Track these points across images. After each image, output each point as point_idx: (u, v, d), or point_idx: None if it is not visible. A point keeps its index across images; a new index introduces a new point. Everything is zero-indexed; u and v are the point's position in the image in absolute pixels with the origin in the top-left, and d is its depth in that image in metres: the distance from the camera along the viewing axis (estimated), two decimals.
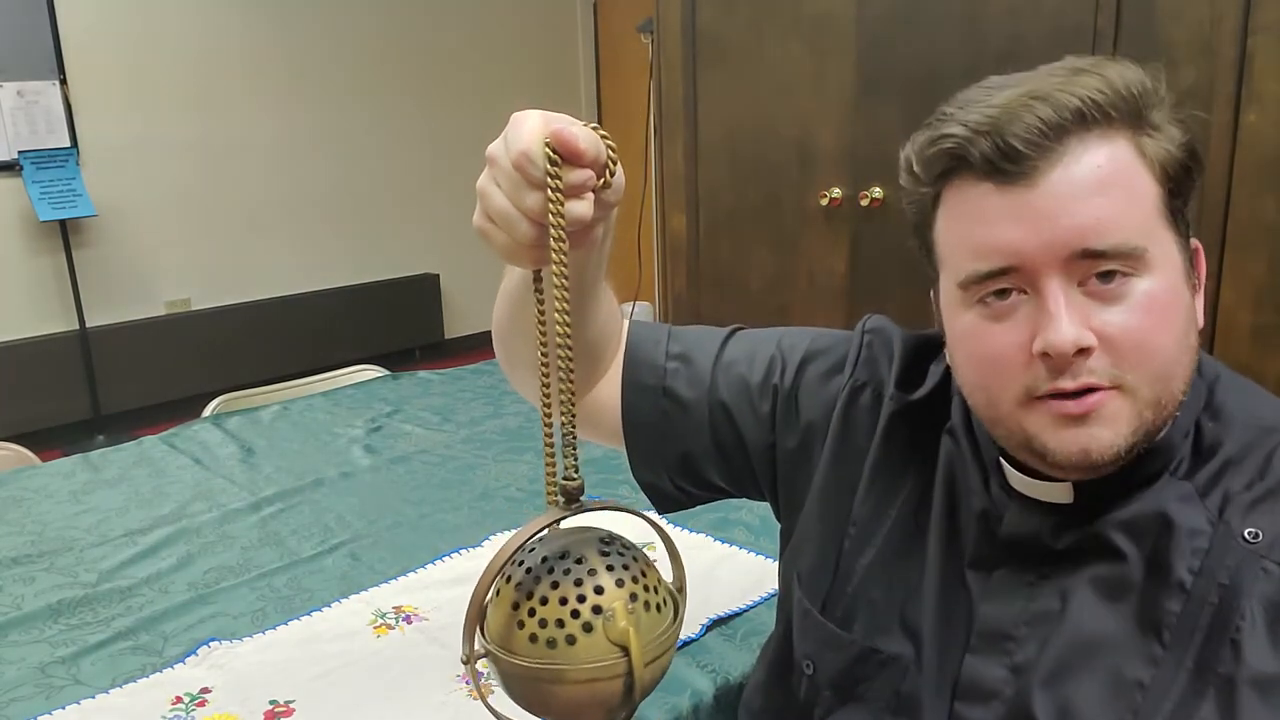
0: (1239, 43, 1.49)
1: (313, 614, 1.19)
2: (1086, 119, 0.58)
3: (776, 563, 1.25)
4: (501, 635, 0.51)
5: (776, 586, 1.19)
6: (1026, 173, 0.58)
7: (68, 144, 3.78)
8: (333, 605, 1.21)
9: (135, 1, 3.93)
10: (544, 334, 0.54)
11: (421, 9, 4.74)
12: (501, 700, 0.54)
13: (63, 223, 3.73)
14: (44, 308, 3.87)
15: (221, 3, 4.15)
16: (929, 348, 0.79)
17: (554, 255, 0.50)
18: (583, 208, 0.52)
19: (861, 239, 2.05)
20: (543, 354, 0.54)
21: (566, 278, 0.50)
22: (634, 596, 0.50)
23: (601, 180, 0.54)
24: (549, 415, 0.53)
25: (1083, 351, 0.58)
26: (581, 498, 0.52)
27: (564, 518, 0.52)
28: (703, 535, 1.35)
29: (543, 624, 0.50)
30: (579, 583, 0.50)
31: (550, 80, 5.28)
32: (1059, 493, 0.65)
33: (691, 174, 2.29)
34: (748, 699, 0.90)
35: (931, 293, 0.70)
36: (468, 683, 1.03)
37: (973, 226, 0.61)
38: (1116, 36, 1.60)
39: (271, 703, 1.01)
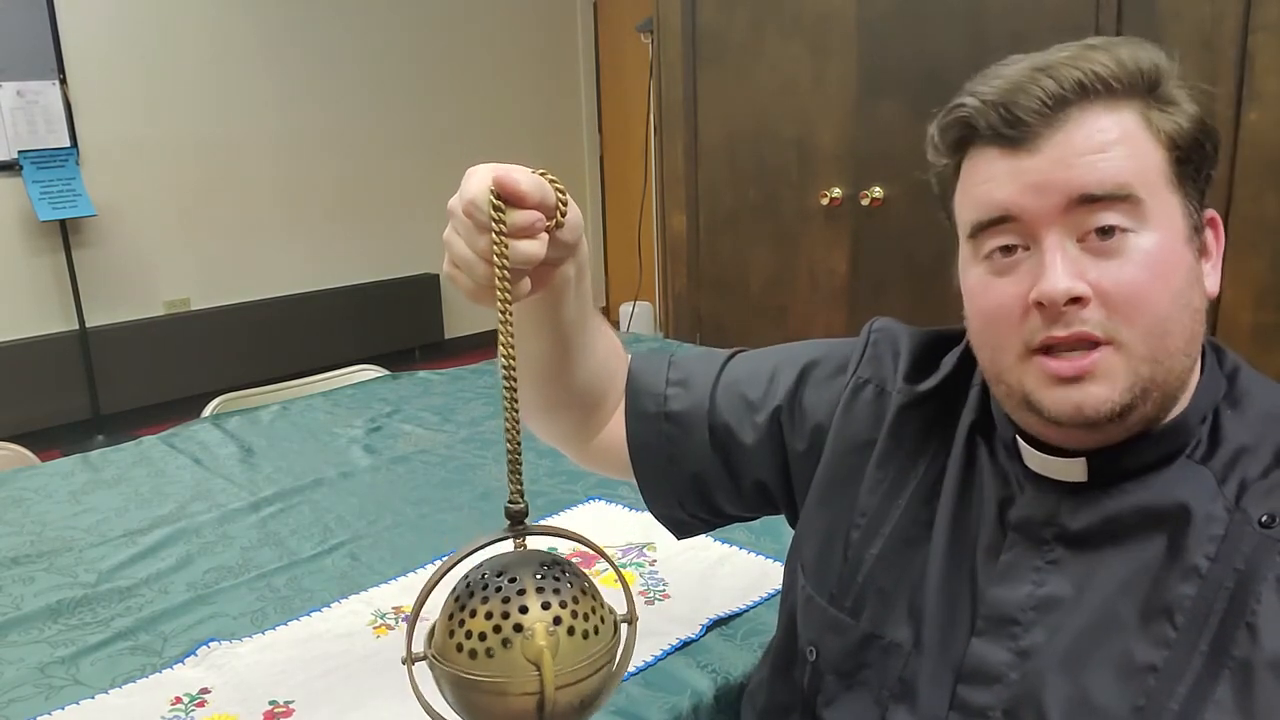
0: (1239, 41, 1.49)
1: (312, 614, 1.19)
2: (1088, 91, 0.61)
3: (776, 563, 1.25)
4: (440, 642, 0.55)
5: (776, 586, 1.20)
6: (1029, 139, 0.61)
7: (67, 144, 3.78)
8: (332, 605, 1.21)
9: (135, 1, 3.93)
10: (513, 367, 0.57)
11: (421, 9, 4.74)
12: (441, 702, 0.58)
13: (62, 222, 3.73)
14: (44, 308, 3.87)
15: (221, 3, 4.15)
16: (942, 342, 0.80)
17: (498, 292, 0.55)
18: (533, 247, 0.57)
19: (861, 239, 2.04)
20: (510, 384, 0.57)
21: (510, 313, 0.55)
22: (558, 620, 0.53)
23: (553, 220, 0.58)
24: (508, 445, 0.57)
25: (1076, 301, 0.60)
26: (525, 520, 0.56)
27: (503, 539, 0.56)
28: (703, 535, 1.35)
29: (469, 635, 0.53)
30: (507, 600, 0.53)
31: (550, 80, 5.29)
32: (1073, 470, 0.66)
33: (691, 174, 2.29)
34: (752, 695, 0.90)
35: (955, 265, 0.71)
36: None
37: (979, 186, 0.65)
38: (1117, 35, 1.60)
39: (271, 703, 1.01)
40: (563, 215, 0.59)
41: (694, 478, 0.85)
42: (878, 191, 1.98)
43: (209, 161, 4.20)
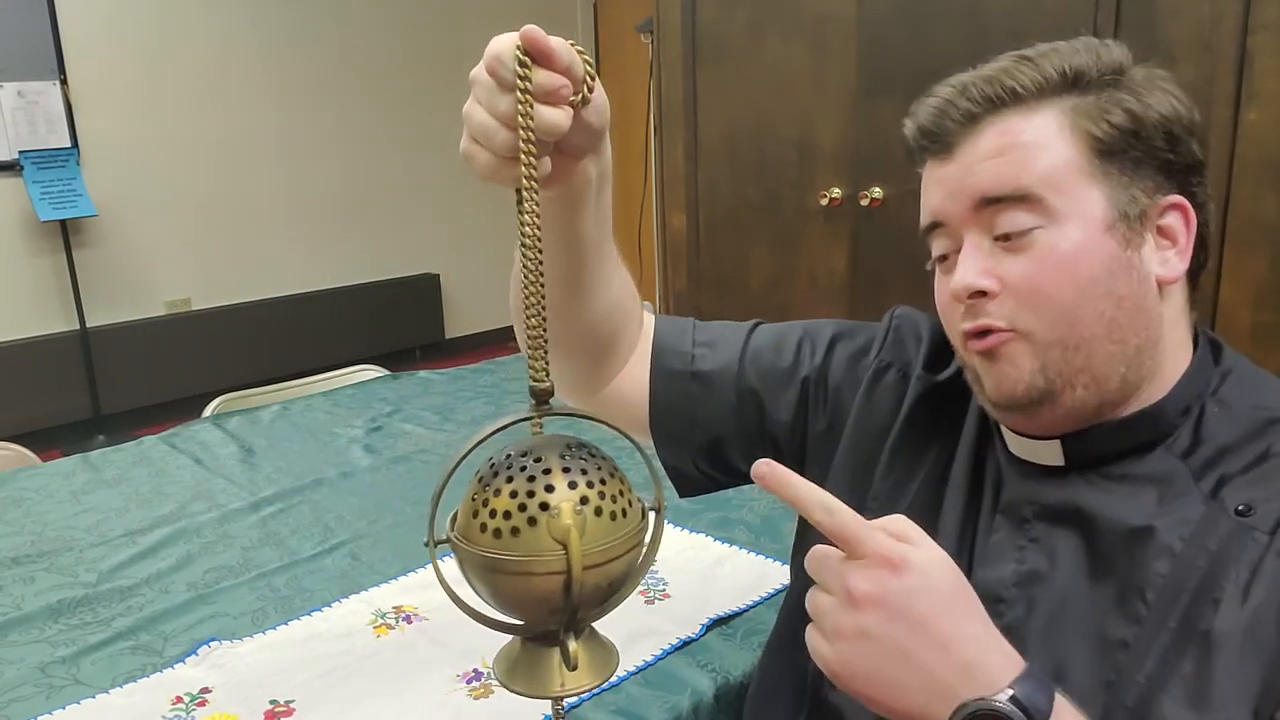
0: (1239, 41, 1.49)
1: (313, 614, 1.19)
2: (996, 102, 0.66)
3: (776, 563, 1.26)
4: (463, 524, 0.54)
5: (776, 586, 1.20)
6: (945, 149, 0.68)
7: (68, 144, 3.78)
8: (333, 605, 1.21)
9: (136, 1, 3.93)
10: (528, 255, 0.55)
11: (421, 9, 4.74)
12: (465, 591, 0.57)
13: (63, 223, 3.73)
14: (44, 308, 3.87)
15: (222, 3, 4.15)
16: None
17: (523, 155, 0.52)
18: (557, 115, 0.54)
19: (861, 238, 2.04)
20: (527, 270, 0.54)
21: (534, 180, 0.52)
22: (585, 500, 0.52)
23: (579, 95, 0.56)
24: (531, 319, 0.55)
25: (982, 295, 0.66)
26: (550, 400, 0.54)
27: (529, 418, 0.54)
28: (703, 535, 1.35)
29: (493, 514, 0.52)
30: (532, 479, 0.52)
31: None
32: (1049, 453, 0.69)
33: (691, 174, 2.29)
34: (753, 694, 0.91)
35: None
36: (469, 681, 1.03)
37: (922, 196, 0.72)
38: (1116, 34, 1.60)
39: (271, 703, 1.01)
40: (589, 91, 0.57)
41: (712, 440, 0.85)
42: (877, 191, 1.97)
43: (209, 161, 4.20)
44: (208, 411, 2.03)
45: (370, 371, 2.32)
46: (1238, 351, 0.71)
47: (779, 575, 1.23)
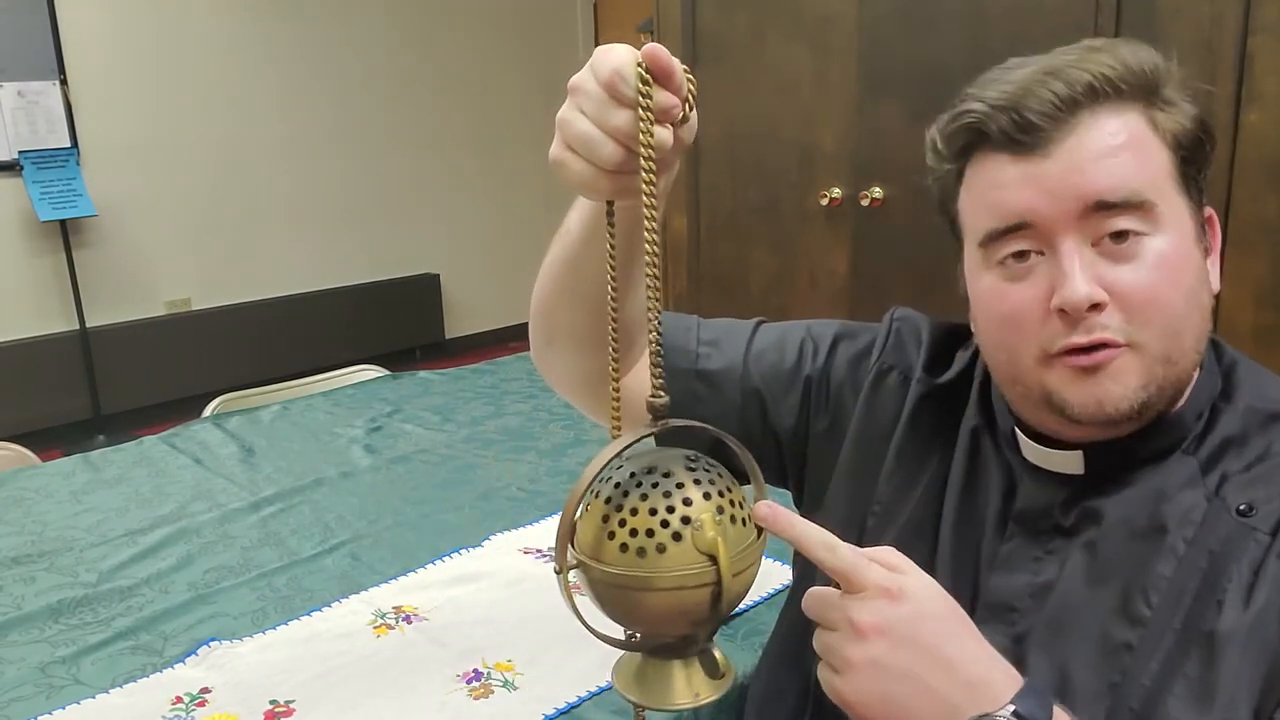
0: (1239, 42, 1.49)
1: (313, 614, 1.19)
2: (1098, 93, 0.61)
3: (777, 563, 1.25)
4: (592, 546, 0.53)
5: (776, 586, 1.20)
6: (1040, 143, 0.62)
7: (68, 144, 3.78)
8: (333, 605, 1.21)
9: (136, 1, 3.93)
10: (615, 268, 0.55)
11: (421, 9, 4.74)
12: (589, 614, 0.55)
13: (63, 223, 3.73)
14: (44, 308, 3.87)
15: (222, 3, 4.15)
16: (957, 335, 0.81)
17: (643, 175, 0.51)
18: (664, 134, 0.53)
19: (861, 239, 2.04)
20: (613, 288, 0.55)
21: (655, 196, 0.51)
22: (721, 510, 0.52)
23: (681, 113, 0.54)
24: (616, 360, 0.56)
25: (1095, 307, 0.61)
26: (667, 417, 0.53)
27: (651, 434, 0.53)
28: None
29: (633, 533, 0.51)
30: (668, 495, 0.51)
31: (550, 81, 5.28)
32: (1071, 463, 0.67)
33: (692, 175, 2.29)
34: (754, 694, 0.91)
35: (958, 269, 0.72)
36: (469, 682, 1.03)
37: (990, 192, 0.65)
38: (1117, 35, 1.60)
39: (271, 703, 1.01)
40: (689, 110, 0.56)
41: (713, 439, 0.84)
42: (877, 192, 1.98)
43: (210, 161, 4.20)
44: (208, 411, 2.03)
45: (370, 371, 2.32)
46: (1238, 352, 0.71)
47: (779, 575, 1.23)
